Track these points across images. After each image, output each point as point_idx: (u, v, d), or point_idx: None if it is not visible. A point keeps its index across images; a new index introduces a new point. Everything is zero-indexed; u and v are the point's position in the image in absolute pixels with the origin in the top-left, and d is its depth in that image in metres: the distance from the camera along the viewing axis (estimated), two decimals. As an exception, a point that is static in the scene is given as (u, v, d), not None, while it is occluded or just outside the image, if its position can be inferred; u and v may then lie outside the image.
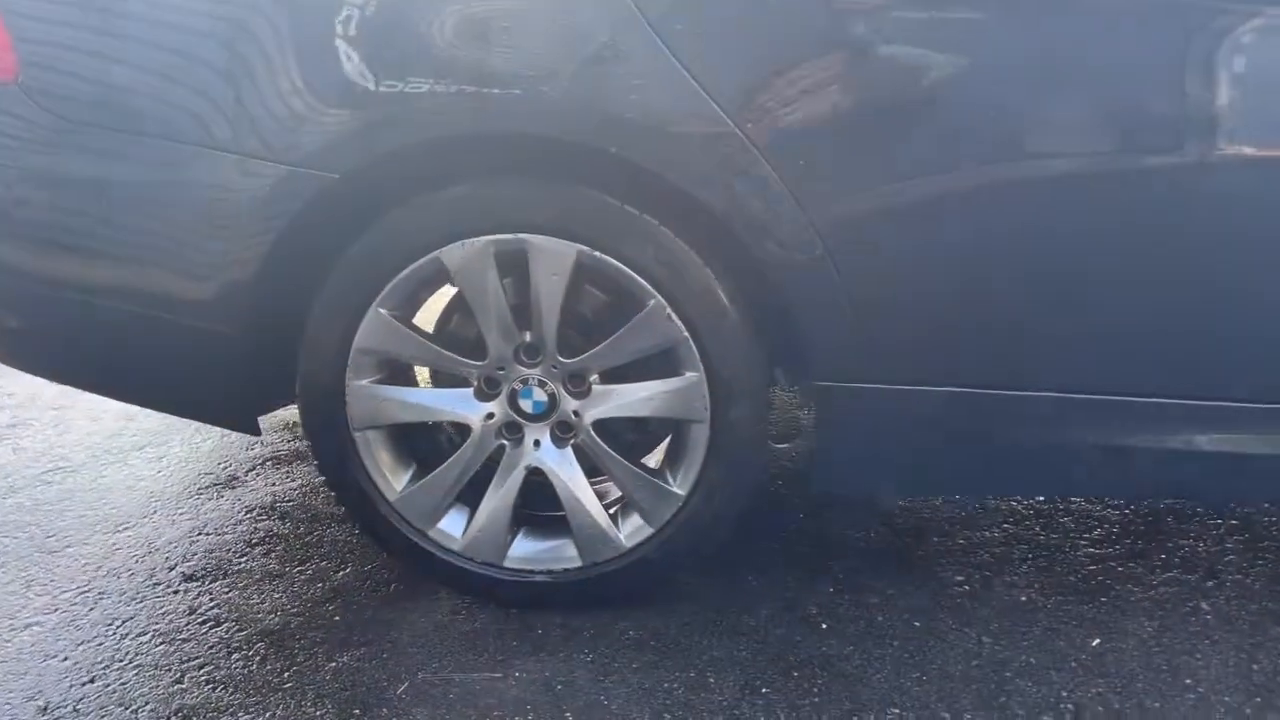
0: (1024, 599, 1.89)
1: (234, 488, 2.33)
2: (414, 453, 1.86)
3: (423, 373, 2.10)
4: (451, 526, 1.84)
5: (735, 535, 1.90)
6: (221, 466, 2.44)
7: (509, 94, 1.52)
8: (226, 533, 2.15)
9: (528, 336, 1.74)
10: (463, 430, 1.84)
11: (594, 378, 1.76)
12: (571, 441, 1.79)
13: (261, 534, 2.14)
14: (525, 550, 1.84)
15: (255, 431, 1.87)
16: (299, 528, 2.16)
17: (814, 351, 1.64)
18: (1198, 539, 2.05)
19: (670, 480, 1.77)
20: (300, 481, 2.35)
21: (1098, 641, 1.77)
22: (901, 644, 1.78)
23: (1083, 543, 2.05)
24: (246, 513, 2.22)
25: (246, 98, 1.60)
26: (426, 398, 1.79)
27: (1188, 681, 1.68)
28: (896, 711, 1.63)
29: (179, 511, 2.24)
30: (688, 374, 1.69)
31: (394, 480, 1.82)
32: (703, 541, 1.80)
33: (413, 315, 1.77)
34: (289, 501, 2.27)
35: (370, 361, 1.75)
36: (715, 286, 1.64)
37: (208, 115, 1.61)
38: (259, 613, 1.89)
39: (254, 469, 2.41)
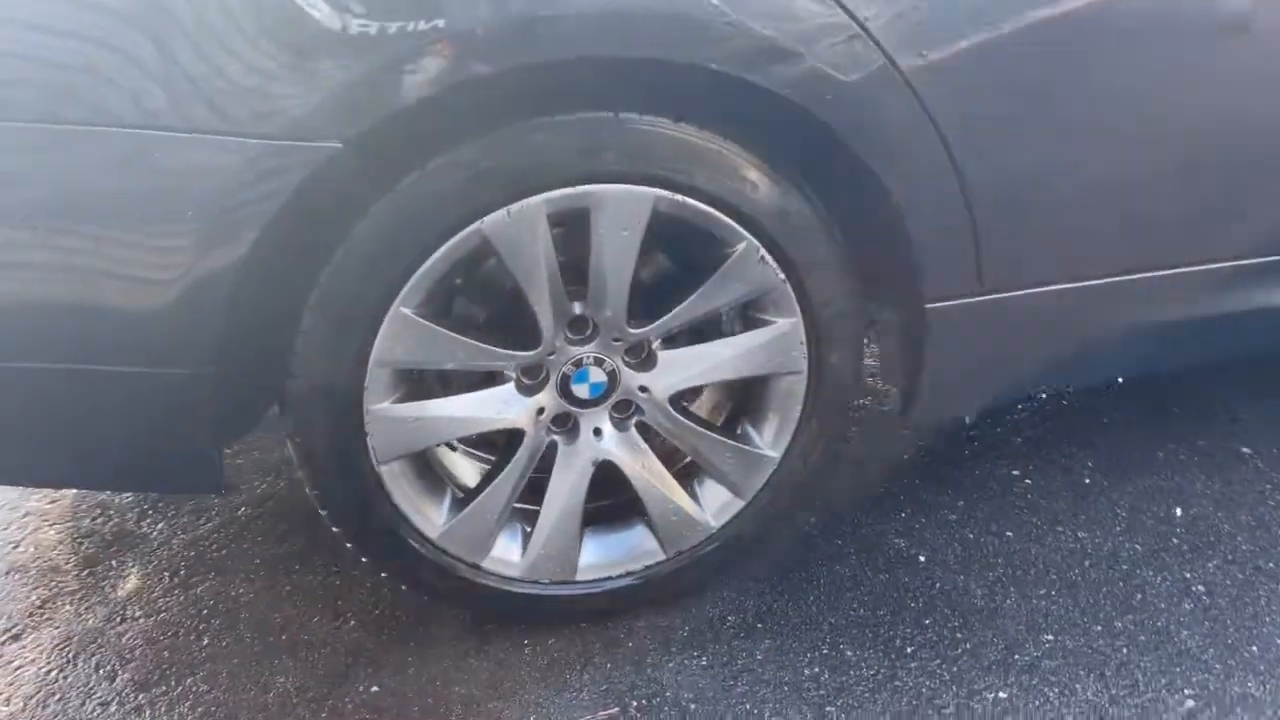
0: (1088, 481, 1.83)
1: (134, 545, 1.82)
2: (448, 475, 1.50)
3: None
4: (506, 551, 1.50)
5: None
6: (101, 520, 1.90)
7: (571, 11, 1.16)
8: (161, 610, 1.67)
9: (577, 309, 1.40)
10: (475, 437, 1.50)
11: (656, 344, 1.46)
12: (634, 420, 1.50)
13: (210, 601, 1.68)
14: (596, 555, 1.54)
15: (218, 490, 1.42)
16: (254, 580, 1.72)
17: (928, 272, 1.43)
18: (1196, 384, 2.07)
19: (759, 443, 1.52)
20: (217, 518, 1.88)
21: (1179, 511, 1.75)
22: (1007, 561, 1.67)
23: (1103, 406, 2.02)
24: (171, 577, 1.74)
25: (182, 53, 1.12)
26: (467, 407, 1.41)
27: (1279, 532, 1.69)
28: (1051, 638, 1.52)
29: (77, 595, 1.72)
30: (780, 321, 1.43)
31: (431, 514, 1.45)
32: (801, 504, 1.58)
33: (440, 310, 1.37)
34: (218, 549, 1.80)
35: (389, 377, 1.35)
36: (815, 217, 1.38)
37: (130, 81, 1.12)
38: (273, 709, 1.48)
39: (145, 515, 1.90)
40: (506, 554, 1.50)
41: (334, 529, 1.45)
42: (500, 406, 1.42)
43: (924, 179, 1.35)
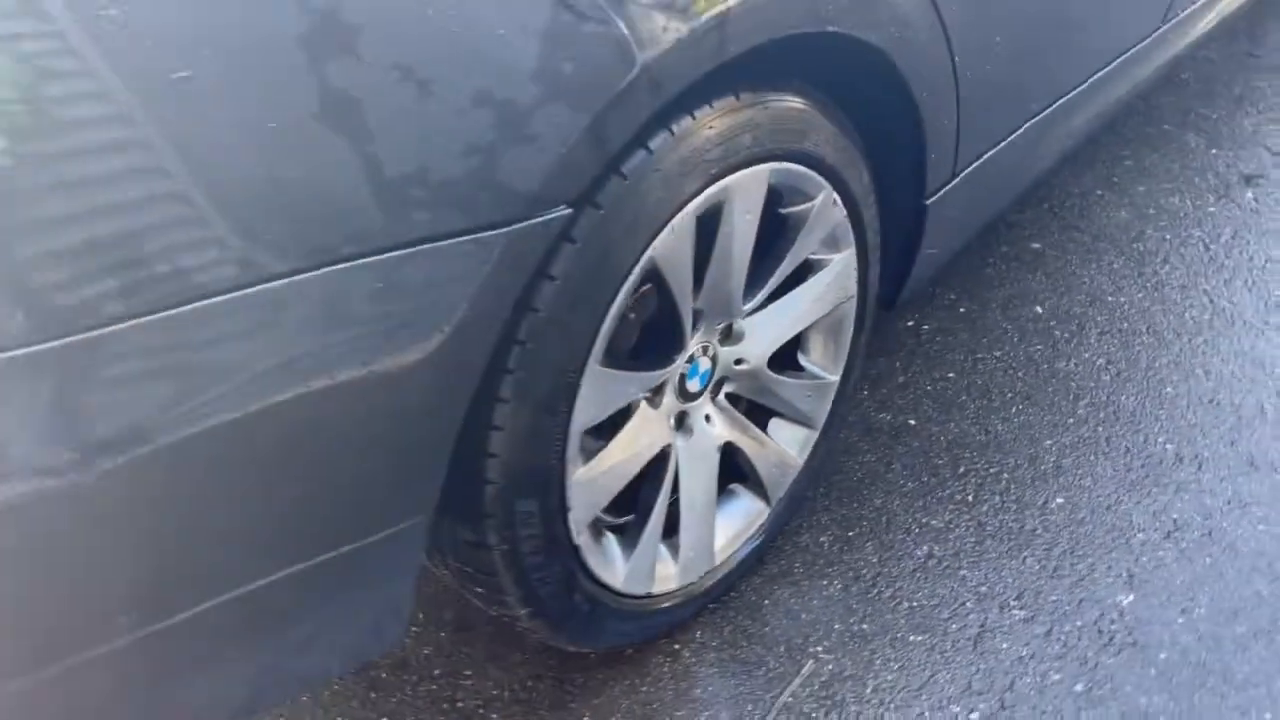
0: (963, 310, 2.13)
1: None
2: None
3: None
4: (665, 567, 1.45)
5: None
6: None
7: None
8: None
9: (685, 304, 1.35)
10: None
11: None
12: (723, 394, 1.49)
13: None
14: (723, 534, 1.53)
15: (401, 640, 1.20)
16: (340, 732, 1.46)
17: (929, 174, 1.56)
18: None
19: (820, 371, 1.59)
20: None
21: (1039, 309, 2.11)
22: (970, 397, 1.92)
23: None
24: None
25: (371, 150, 0.89)
26: (630, 444, 1.31)
27: (1109, 299, 2.13)
28: (1050, 442, 1.81)
29: None
30: (838, 256, 1.49)
31: (611, 564, 1.35)
32: (845, 420, 1.68)
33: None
34: None
35: (580, 441, 1.21)
36: (858, 151, 1.44)
37: (291, 210, 0.88)
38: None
39: None
40: (664, 571, 1.45)
41: (533, 625, 1.29)
42: (652, 430, 1.35)
43: (939, 96, 1.47)
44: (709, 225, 1.27)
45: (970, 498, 1.73)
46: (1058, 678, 1.47)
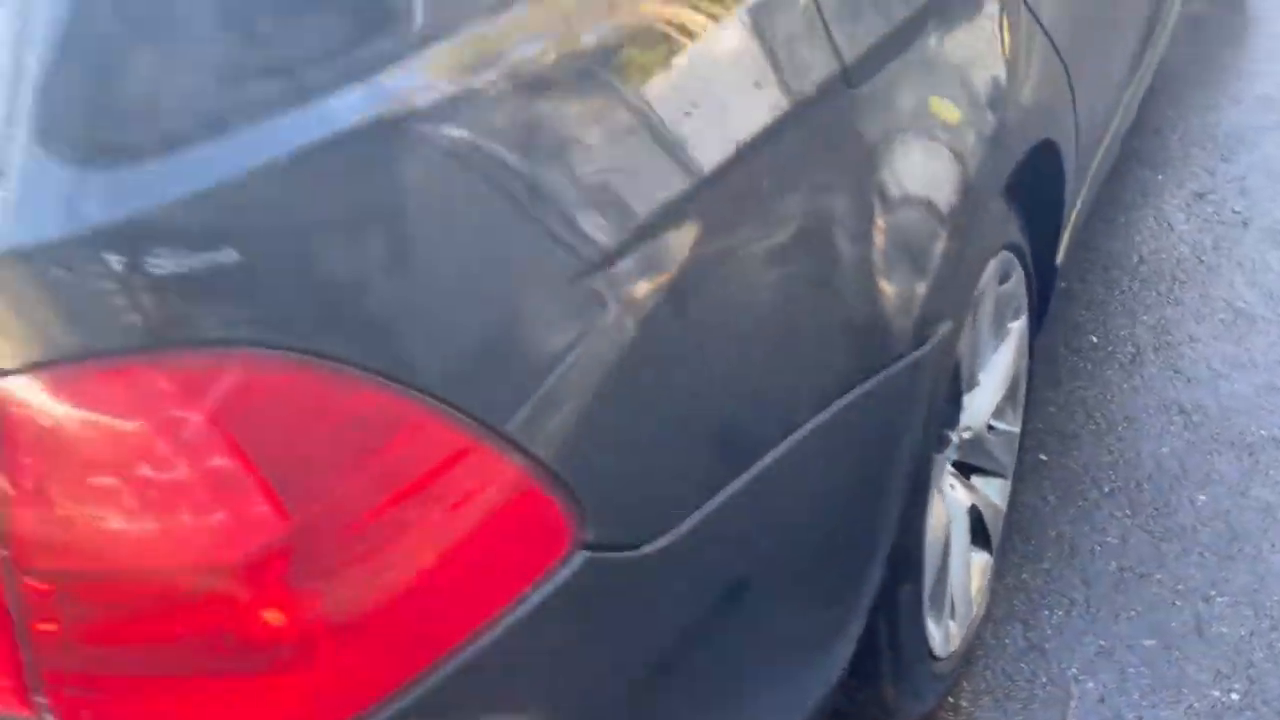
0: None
1: None
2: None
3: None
4: (951, 627, 1.58)
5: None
6: None
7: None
8: None
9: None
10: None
11: (951, 382, 1.63)
12: (951, 460, 1.66)
13: None
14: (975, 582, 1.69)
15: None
16: None
17: (1063, 233, 1.80)
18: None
19: (1009, 425, 1.78)
20: None
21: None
22: (1083, 428, 2.15)
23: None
24: None
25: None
26: (942, 519, 1.46)
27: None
28: (1168, 451, 2.06)
29: None
30: (1018, 322, 1.70)
31: (932, 631, 1.48)
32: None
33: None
34: None
35: (921, 522, 1.36)
36: (1023, 229, 1.65)
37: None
38: None
39: None
40: (952, 630, 1.59)
41: (895, 701, 1.41)
42: (939, 504, 1.49)
43: (1072, 169, 1.71)
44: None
45: (1128, 510, 1.95)
46: (1283, 646, 1.69)
